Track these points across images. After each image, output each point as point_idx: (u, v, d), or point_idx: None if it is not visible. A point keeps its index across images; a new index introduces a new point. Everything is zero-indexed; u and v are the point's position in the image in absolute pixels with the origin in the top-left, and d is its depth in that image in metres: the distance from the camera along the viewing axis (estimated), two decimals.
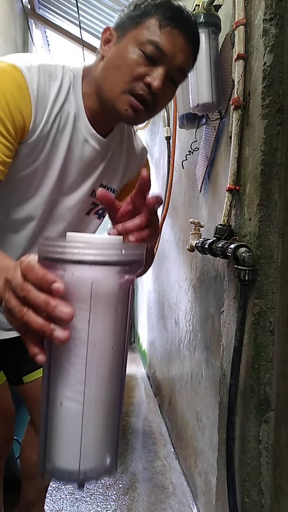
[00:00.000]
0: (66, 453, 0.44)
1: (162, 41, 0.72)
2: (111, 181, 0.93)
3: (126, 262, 0.43)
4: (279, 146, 0.89)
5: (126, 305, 0.46)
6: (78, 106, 0.80)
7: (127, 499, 1.58)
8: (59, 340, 0.41)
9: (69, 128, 0.80)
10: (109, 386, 0.45)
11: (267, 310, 0.90)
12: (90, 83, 0.80)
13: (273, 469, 0.87)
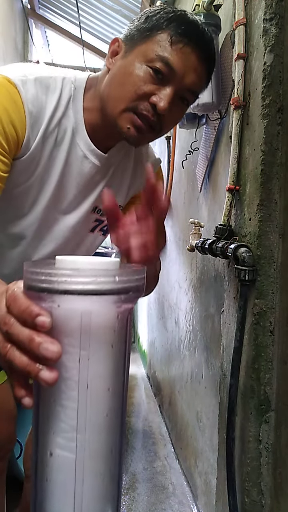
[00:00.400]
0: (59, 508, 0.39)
1: (173, 58, 0.66)
2: (117, 197, 0.89)
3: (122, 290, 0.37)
4: (279, 146, 0.89)
5: (124, 338, 0.40)
6: (77, 121, 0.76)
7: (127, 499, 1.57)
8: (46, 383, 0.36)
9: (66, 143, 0.76)
10: (105, 432, 0.39)
11: (267, 310, 0.90)
12: (94, 96, 0.75)
13: (273, 469, 0.87)
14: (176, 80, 0.68)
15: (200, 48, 0.68)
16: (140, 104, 0.68)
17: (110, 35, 3.39)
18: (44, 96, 0.71)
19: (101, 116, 0.75)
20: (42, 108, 0.71)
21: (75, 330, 0.37)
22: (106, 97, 0.72)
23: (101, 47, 3.58)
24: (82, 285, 0.35)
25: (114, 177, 0.86)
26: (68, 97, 0.74)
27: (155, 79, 0.67)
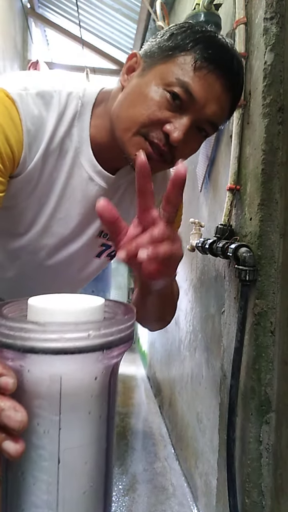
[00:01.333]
0: None
1: (194, 84, 0.59)
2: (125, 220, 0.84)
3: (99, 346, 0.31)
4: (280, 145, 0.88)
5: (106, 402, 0.34)
6: (82, 140, 0.69)
7: (127, 500, 1.57)
8: (9, 455, 0.30)
9: (67, 165, 0.70)
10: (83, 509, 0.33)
11: (268, 310, 0.89)
12: (104, 113, 0.68)
13: (274, 470, 0.87)
14: (195, 109, 0.61)
15: (227, 77, 0.61)
16: (152, 131, 0.62)
17: (110, 34, 3.39)
18: (45, 112, 0.65)
19: (110, 136, 0.68)
20: (42, 125, 0.65)
21: (44, 394, 0.31)
22: (116, 118, 0.65)
23: (101, 46, 3.58)
24: (49, 343, 0.29)
25: (122, 201, 0.78)
26: (73, 114, 0.68)
27: (172, 106, 0.60)
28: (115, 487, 1.65)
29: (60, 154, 0.68)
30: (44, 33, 4.03)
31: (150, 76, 0.62)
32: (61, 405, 0.31)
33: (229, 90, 0.62)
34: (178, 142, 0.60)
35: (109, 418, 0.34)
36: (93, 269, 0.87)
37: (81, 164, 0.70)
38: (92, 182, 0.71)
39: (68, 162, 0.69)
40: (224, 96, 0.62)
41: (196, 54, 0.59)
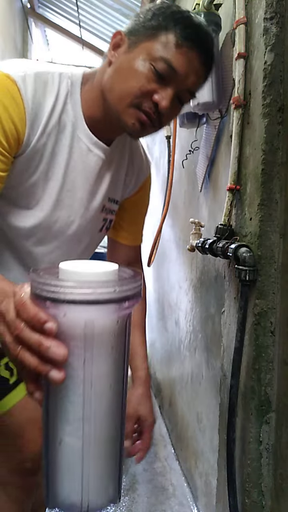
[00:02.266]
0: (69, 488, 0.44)
1: (176, 61, 0.69)
2: (115, 193, 0.90)
3: (121, 299, 0.41)
4: (280, 146, 0.88)
5: (123, 340, 0.45)
6: (76, 115, 0.77)
7: (127, 500, 1.57)
8: (54, 382, 0.40)
9: (67, 138, 0.77)
10: (108, 422, 0.45)
11: (268, 310, 0.89)
12: (92, 89, 0.77)
13: (274, 470, 0.87)
14: (177, 81, 0.70)
15: (203, 52, 0.71)
16: (144, 102, 0.71)
17: (109, 34, 3.39)
18: (43, 92, 0.72)
19: (101, 108, 0.76)
20: (41, 104, 0.72)
21: (79, 335, 0.41)
22: (109, 89, 0.73)
23: (100, 46, 3.58)
24: (85, 296, 0.39)
25: (115, 172, 0.87)
26: (66, 92, 0.75)
27: (158, 79, 0.69)
28: None
29: (59, 129, 0.75)
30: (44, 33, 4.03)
31: (137, 52, 0.71)
32: (93, 343, 0.41)
33: (205, 63, 0.72)
34: (166, 109, 0.71)
35: (126, 352, 0.46)
36: (95, 244, 0.94)
37: (79, 138, 0.78)
38: (91, 153, 0.80)
39: (67, 136, 0.76)
40: (201, 69, 0.72)
41: (177, 33, 0.68)
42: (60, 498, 0.44)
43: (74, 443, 0.43)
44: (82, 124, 0.77)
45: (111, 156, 0.84)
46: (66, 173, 0.78)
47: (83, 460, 0.43)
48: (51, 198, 0.79)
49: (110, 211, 0.91)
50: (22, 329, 0.41)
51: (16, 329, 0.41)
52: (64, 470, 0.44)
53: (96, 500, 0.45)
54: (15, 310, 0.42)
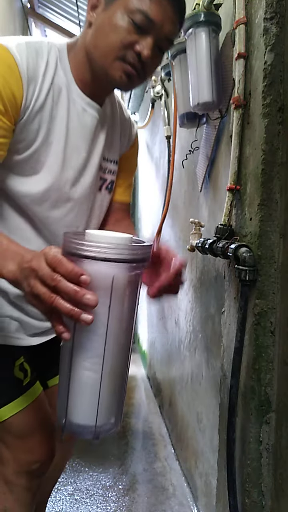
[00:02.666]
0: (84, 413, 0.55)
1: (151, 11, 0.73)
2: (112, 153, 0.94)
3: (139, 260, 0.54)
4: (280, 146, 0.88)
5: (136, 293, 0.57)
6: (68, 79, 0.81)
7: (127, 500, 1.57)
8: (86, 322, 0.51)
9: (63, 101, 0.81)
10: (120, 359, 0.57)
11: (268, 310, 0.89)
12: (77, 53, 0.81)
13: (274, 470, 0.87)
14: (155, 30, 0.75)
15: (175, 1, 0.76)
16: (127, 54, 0.75)
17: None
18: (35, 58, 0.76)
19: (89, 69, 0.81)
20: (35, 69, 0.76)
21: (106, 286, 0.52)
22: (93, 48, 0.77)
23: None
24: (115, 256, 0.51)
25: (109, 132, 0.91)
26: (55, 58, 0.80)
27: (137, 30, 0.74)
28: (115, 488, 1.65)
29: (54, 93, 0.79)
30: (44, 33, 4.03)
31: (114, 8, 0.75)
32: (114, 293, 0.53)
33: (178, 11, 0.77)
34: (148, 57, 0.75)
35: (137, 301, 0.58)
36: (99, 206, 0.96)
37: (74, 100, 0.82)
38: (86, 113, 0.84)
39: (64, 99, 0.81)
40: (175, 17, 0.77)
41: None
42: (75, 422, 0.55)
43: (93, 376, 0.54)
44: (75, 87, 0.82)
45: (104, 116, 0.89)
46: (67, 135, 0.82)
47: (100, 390, 0.54)
48: (57, 159, 0.82)
49: (109, 170, 0.95)
50: (60, 280, 0.50)
51: (54, 280, 0.51)
52: (82, 399, 0.55)
53: (104, 425, 0.56)
54: (50, 266, 0.51)
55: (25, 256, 0.59)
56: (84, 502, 1.54)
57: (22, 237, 0.84)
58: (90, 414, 0.55)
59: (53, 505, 1.51)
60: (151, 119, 2.67)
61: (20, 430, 0.88)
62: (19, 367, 0.88)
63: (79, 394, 0.54)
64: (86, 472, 1.75)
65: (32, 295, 0.54)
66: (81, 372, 0.54)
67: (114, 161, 0.96)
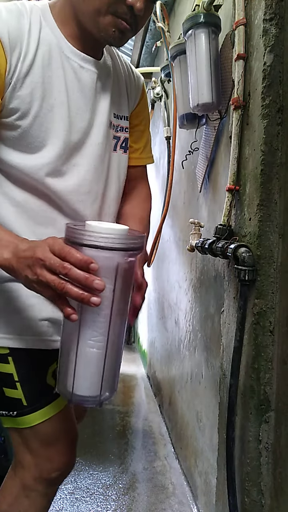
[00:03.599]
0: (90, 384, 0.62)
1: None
2: (121, 109, 0.90)
3: (137, 248, 0.60)
4: (279, 146, 0.89)
5: (132, 277, 0.63)
6: (57, 37, 0.77)
7: (127, 499, 1.57)
8: (94, 304, 0.56)
9: (56, 59, 0.77)
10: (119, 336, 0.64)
11: (267, 310, 0.90)
12: (62, 8, 0.77)
13: (273, 469, 0.87)
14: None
15: None
16: (119, 8, 0.71)
17: None
18: (17, 20, 0.73)
19: (77, 24, 0.77)
20: (18, 32, 0.72)
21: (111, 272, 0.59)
22: (81, 3, 0.73)
23: None
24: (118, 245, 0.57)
25: (114, 87, 0.87)
26: (38, 17, 0.76)
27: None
28: (115, 486, 1.65)
29: (44, 53, 0.75)
30: None
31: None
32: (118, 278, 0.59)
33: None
34: (141, 11, 0.71)
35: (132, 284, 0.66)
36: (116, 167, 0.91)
37: (68, 57, 0.78)
38: (83, 69, 0.80)
39: (57, 59, 0.77)
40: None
41: None
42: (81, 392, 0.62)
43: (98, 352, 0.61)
44: (66, 43, 0.78)
45: (105, 70, 0.85)
46: (68, 95, 0.78)
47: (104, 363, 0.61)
48: (63, 123, 0.78)
49: (121, 128, 0.90)
50: (71, 268, 0.55)
51: (65, 268, 0.55)
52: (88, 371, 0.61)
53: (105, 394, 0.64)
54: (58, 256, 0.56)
55: (20, 245, 0.63)
56: (84, 501, 1.55)
57: (47, 220, 0.82)
58: (95, 386, 0.62)
59: (53, 504, 1.51)
60: (151, 120, 2.68)
61: (45, 437, 0.87)
62: (52, 374, 0.88)
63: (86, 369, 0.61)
64: (86, 470, 1.75)
65: (38, 282, 0.58)
66: (87, 350, 0.60)
67: (124, 117, 0.91)
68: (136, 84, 0.95)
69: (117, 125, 0.89)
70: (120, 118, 0.90)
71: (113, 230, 0.59)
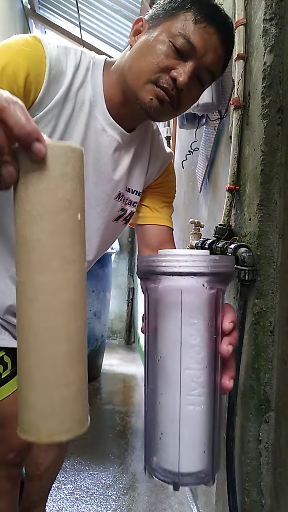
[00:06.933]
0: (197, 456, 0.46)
1: (195, 37, 0.68)
2: (136, 183, 0.88)
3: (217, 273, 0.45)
4: (279, 146, 0.89)
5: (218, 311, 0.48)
6: (96, 94, 0.76)
7: (127, 499, 1.57)
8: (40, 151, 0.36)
9: (84, 116, 0.76)
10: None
11: (267, 310, 0.90)
12: (112, 72, 0.77)
13: (273, 469, 0.87)
14: (196, 57, 0.69)
15: (222, 31, 0.70)
16: (162, 77, 0.69)
17: (110, 35, 3.39)
18: (65, 60, 0.72)
19: (121, 91, 0.75)
20: (63, 71, 0.72)
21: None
22: (128, 69, 0.73)
23: (101, 47, 3.58)
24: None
25: (136, 160, 0.85)
26: (86, 69, 0.75)
27: (177, 55, 0.69)
28: (115, 486, 1.65)
29: (76, 104, 0.75)
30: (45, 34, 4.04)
31: (156, 32, 0.70)
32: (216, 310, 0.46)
33: (224, 43, 0.71)
34: (183, 85, 0.69)
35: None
36: (112, 235, 0.92)
37: (96, 117, 0.77)
38: (105, 133, 0.78)
39: (84, 113, 0.76)
40: (220, 48, 0.71)
41: (195, 11, 0.69)
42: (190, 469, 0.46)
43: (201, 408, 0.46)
44: (102, 103, 0.77)
45: (130, 143, 0.83)
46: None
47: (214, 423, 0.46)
48: None
49: (130, 202, 0.89)
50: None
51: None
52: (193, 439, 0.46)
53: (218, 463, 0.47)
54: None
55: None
56: (84, 501, 1.55)
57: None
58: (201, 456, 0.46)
59: (53, 504, 1.51)
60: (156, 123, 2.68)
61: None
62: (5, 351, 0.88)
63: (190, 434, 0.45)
64: (86, 470, 1.75)
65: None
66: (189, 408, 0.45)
67: (136, 191, 0.89)
68: (161, 162, 0.92)
69: (127, 198, 0.88)
70: (131, 192, 0.88)
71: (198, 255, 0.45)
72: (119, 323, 4.48)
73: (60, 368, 0.38)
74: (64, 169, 0.38)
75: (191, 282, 0.44)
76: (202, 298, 0.45)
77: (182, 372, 0.45)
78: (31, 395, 0.38)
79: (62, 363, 0.38)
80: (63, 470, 1.72)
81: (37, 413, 0.38)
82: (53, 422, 0.38)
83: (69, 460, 1.81)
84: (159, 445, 0.46)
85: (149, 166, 0.90)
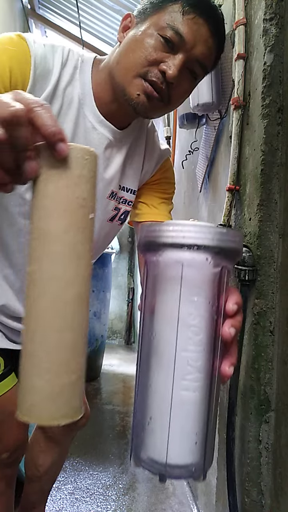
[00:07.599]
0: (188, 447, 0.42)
1: (183, 27, 0.66)
2: (130, 181, 0.86)
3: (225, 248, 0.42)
4: (279, 146, 0.89)
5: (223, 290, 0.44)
6: (85, 92, 0.74)
7: (127, 499, 1.57)
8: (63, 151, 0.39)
9: (73, 114, 0.74)
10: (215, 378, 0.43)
11: (267, 310, 0.90)
12: (101, 70, 0.75)
13: (273, 469, 0.87)
14: (186, 49, 0.67)
15: (212, 21, 0.68)
16: (150, 71, 0.67)
17: (110, 35, 3.39)
18: (52, 58, 0.70)
19: (111, 88, 0.74)
20: (49, 69, 0.70)
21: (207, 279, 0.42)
22: (116, 65, 0.71)
23: (101, 47, 3.58)
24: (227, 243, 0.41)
25: (129, 159, 0.83)
26: (74, 67, 0.74)
27: (166, 48, 0.67)
28: (115, 486, 1.65)
29: (64, 102, 0.73)
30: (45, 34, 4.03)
31: (144, 26, 0.69)
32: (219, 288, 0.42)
33: (215, 35, 0.69)
34: (173, 78, 0.66)
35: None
36: (108, 236, 0.90)
37: (85, 115, 0.75)
38: (95, 131, 0.76)
39: (73, 112, 0.74)
40: (210, 40, 0.69)
41: (183, 2, 0.67)
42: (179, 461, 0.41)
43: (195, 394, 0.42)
44: (91, 101, 0.75)
45: (123, 140, 0.80)
46: None
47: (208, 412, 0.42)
48: None
49: (125, 200, 0.87)
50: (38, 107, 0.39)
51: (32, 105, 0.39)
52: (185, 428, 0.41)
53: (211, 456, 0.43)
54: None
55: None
56: (84, 501, 1.55)
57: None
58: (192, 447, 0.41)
59: (53, 504, 1.51)
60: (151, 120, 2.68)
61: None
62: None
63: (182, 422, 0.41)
64: (86, 471, 1.75)
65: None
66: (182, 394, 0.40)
67: (131, 190, 0.87)
68: (156, 159, 0.89)
69: (121, 197, 0.86)
70: (125, 191, 0.86)
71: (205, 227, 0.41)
72: (119, 323, 4.48)
73: (65, 356, 0.40)
74: (83, 170, 0.41)
75: (193, 255, 0.40)
76: (205, 274, 0.41)
77: (177, 354, 0.41)
78: (35, 379, 0.40)
79: (67, 351, 0.40)
80: (63, 470, 1.72)
81: (40, 396, 0.39)
82: (53, 406, 0.40)
83: (69, 460, 1.81)
84: (147, 431, 0.42)
85: (144, 164, 0.88)
